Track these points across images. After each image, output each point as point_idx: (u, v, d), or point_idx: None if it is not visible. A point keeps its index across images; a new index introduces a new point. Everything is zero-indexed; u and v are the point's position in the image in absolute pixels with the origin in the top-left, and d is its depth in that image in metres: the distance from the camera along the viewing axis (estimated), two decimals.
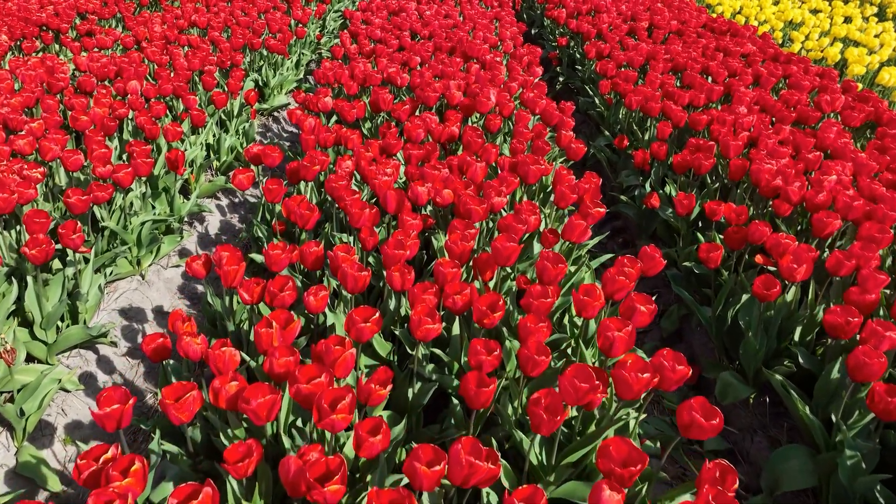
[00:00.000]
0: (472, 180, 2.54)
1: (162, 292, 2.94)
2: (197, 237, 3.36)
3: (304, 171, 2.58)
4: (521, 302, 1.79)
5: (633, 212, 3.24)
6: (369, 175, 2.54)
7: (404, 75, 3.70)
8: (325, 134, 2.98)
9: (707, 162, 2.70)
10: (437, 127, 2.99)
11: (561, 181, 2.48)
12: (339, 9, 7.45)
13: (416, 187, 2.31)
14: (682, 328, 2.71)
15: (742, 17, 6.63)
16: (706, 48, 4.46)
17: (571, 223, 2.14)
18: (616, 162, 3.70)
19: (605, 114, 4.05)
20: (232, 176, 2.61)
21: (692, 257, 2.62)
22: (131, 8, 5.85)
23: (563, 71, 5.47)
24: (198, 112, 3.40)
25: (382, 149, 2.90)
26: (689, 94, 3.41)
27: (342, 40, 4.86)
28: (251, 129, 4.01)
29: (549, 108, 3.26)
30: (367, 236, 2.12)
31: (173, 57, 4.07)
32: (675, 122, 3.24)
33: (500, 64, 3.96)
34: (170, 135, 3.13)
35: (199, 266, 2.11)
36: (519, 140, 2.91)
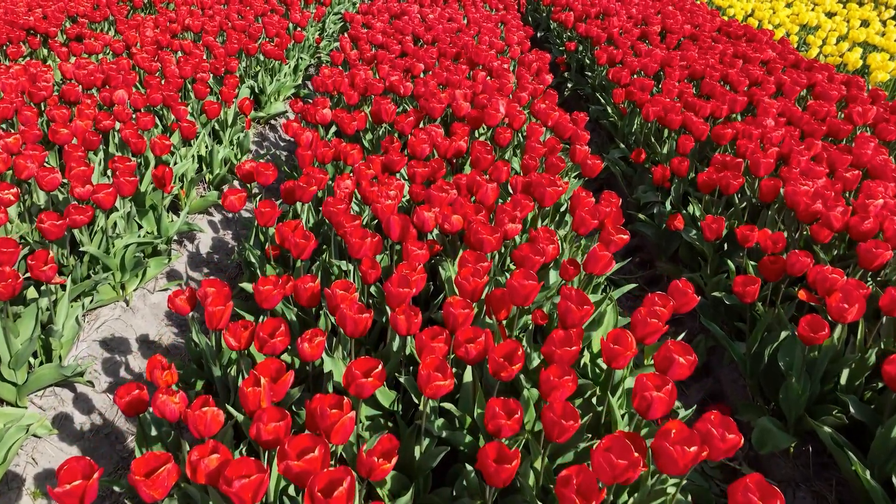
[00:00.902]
0: (482, 202, 2.34)
1: (148, 319, 2.74)
2: (187, 257, 3.16)
3: (300, 192, 2.37)
4: (542, 350, 1.59)
5: (651, 231, 3.03)
6: (370, 197, 2.34)
7: (407, 84, 3.50)
8: (324, 149, 2.78)
9: (736, 182, 2.49)
10: (443, 141, 2.79)
11: (580, 204, 2.27)
12: (338, 11, 7.25)
13: (422, 212, 2.11)
14: (710, 361, 2.51)
15: (754, 20, 6.43)
16: (723, 54, 4.26)
17: (595, 254, 1.94)
18: (631, 176, 3.50)
19: (619, 124, 3.84)
20: (223, 197, 2.41)
21: (721, 286, 2.42)
22: (124, 11, 5.66)
23: (572, 76, 5.27)
24: (188, 124, 3.19)
25: (385, 166, 2.70)
26: (710, 105, 3.20)
27: (342, 45, 4.65)
28: (246, 140, 3.80)
29: (562, 120, 3.05)
30: (369, 269, 1.92)
31: (164, 63, 3.87)
32: (697, 136, 3.04)
33: (507, 71, 3.76)
34: (157, 148, 2.93)
35: (182, 301, 1.91)
36: (531, 156, 2.71)
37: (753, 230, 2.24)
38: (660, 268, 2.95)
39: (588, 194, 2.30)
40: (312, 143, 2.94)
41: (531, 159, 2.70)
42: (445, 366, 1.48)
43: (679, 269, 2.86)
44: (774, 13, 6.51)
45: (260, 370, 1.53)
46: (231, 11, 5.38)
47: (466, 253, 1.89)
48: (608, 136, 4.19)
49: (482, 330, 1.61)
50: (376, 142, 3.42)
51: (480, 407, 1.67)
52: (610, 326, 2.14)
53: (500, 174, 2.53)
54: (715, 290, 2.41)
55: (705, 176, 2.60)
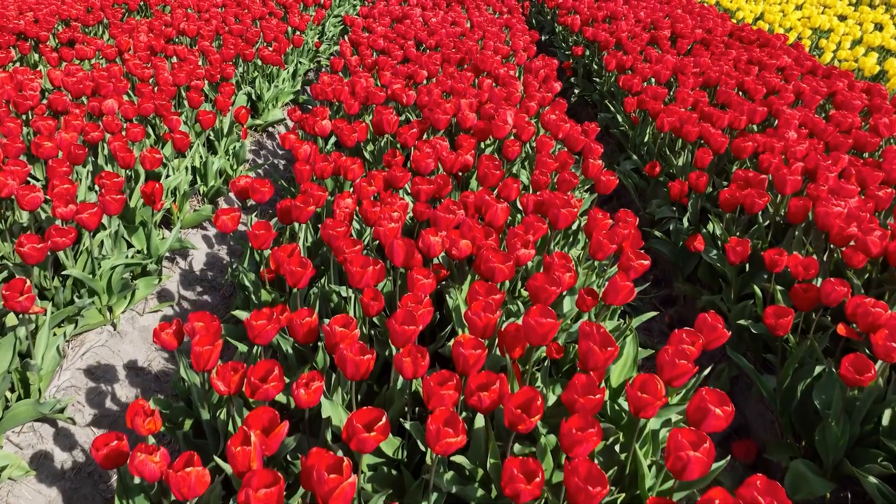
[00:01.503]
0: (491, 224, 2.19)
1: (136, 344, 2.59)
2: (179, 275, 3.01)
3: (296, 212, 2.22)
4: (563, 398, 1.44)
5: (667, 249, 2.88)
6: (371, 218, 2.19)
7: (410, 92, 3.35)
8: (323, 164, 2.63)
9: (761, 200, 2.34)
10: (448, 155, 2.64)
11: (596, 226, 2.12)
12: (339, 13, 7.10)
13: (428, 237, 1.96)
14: (733, 390, 2.36)
15: (764, 23, 6.28)
16: (737, 60, 4.11)
17: (615, 285, 1.79)
18: (644, 189, 3.35)
19: (630, 134, 3.69)
20: (214, 217, 2.26)
21: (747, 313, 2.27)
22: (119, 14, 5.51)
23: (579, 82, 5.12)
24: (181, 135, 3.04)
25: (387, 182, 2.55)
26: (728, 116, 3.05)
27: (342, 51, 4.50)
28: (242, 150, 3.66)
29: (574, 132, 2.90)
30: (370, 300, 1.77)
31: (157, 70, 3.73)
32: (715, 149, 2.89)
33: (514, 79, 3.61)
34: (147, 162, 2.78)
35: (169, 336, 1.76)
36: (542, 171, 2.56)
37: (782, 254, 2.09)
38: (677, 288, 2.80)
39: (605, 216, 2.15)
40: (311, 155, 2.79)
41: (542, 175, 2.55)
42: (456, 419, 1.33)
43: (697, 289, 2.71)
44: (785, 16, 6.36)
45: (251, 421, 1.38)
46: (228, 15, 5.23)
47: (477, 284, 1.74)
48: (617, 145, 4.05)
49: (495, 375, 1.46)
50: (378, 153, 3.27)
51: (494, 457, 1.52)
52: (630, 359, 1.99)
53: (510, 192, 2.39)
54: (740, 318, 2.25)
55: (727, 193, 2.45)
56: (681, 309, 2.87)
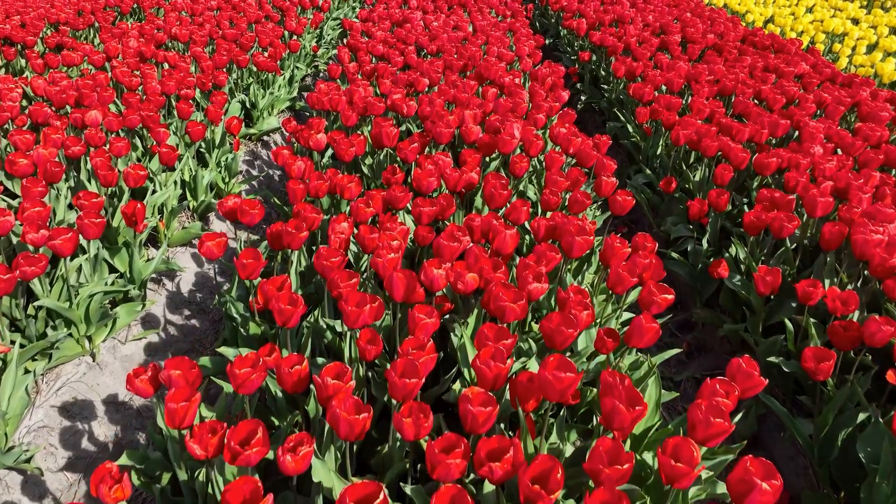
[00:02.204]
0: (499, 252, 2.01)
1: (117, 375, 2.41)
2: (166, 297, 2.84)
3: (287, 239, 2.05)
4: (585, 468, 1.26)
5: (685, 271, 2.71)
6: (369, 245, 2.01)
7: (411, 103, 3.17)
8: (318, 182, 2.45)
9: (791, 225, 2.16)
10: (452, 173, 2.46)
11: (614, 255, 1.95)
12: (337, 16, 6.93)
13: (431, 269, 1.78)
14: (761, 431, 2.18)
15: (775, 27, 6.10)
16: (752, 68, 3.93)
17: (640, 327, 1.61)
18: (658, 205, 3.17)
19: (642, 145, 3.52)
20: (199, 242, 2.08)
21: (777, 348, 2.09)
22: (110, 17, 5.33)
23: (585, 88, 4.94)
24: (168, 149, 2.87)
25: (386, 202, 2.37)
26: (749, 129, 2.88)
27: (340, 57, 4.33)
28: (234, 163, 3.48)
29: (585, 146, 2.73)
30: (367, 344, 1.59)
31: (146, 78, 3.55)
32: (736, 164, 2.71)
33: (520, 88, 3.43)
34: (131, 179, 2.60)
35: (143, 383, 1.58)
36: (552, 190, 2.38)
37: (817, 286, 1.92)
38: (695, 314, 2.62)
39: (623, 244, 1.97)
40: (305, 172, 2.61)
41: (552, 194, 2.37)
42: (464, 497, 1.16)
43: (718, 316, 2.54)
44: (796, 19, 6.18)
45: (230, 497, 1.20)
46: (223, 19, 5.05)
47: (486, 327, 1.57)
48: (627, 156, 3.87)
49: (507, 440, 1.28)
50: (377, 166, 3.10)
51: None
52: (652, 402, 1.82)
53: (519, 215, 2.21)
54: (770, 355, 2.08)
55: (753, 216, 2.27)
56: (699, 335, 2.69)
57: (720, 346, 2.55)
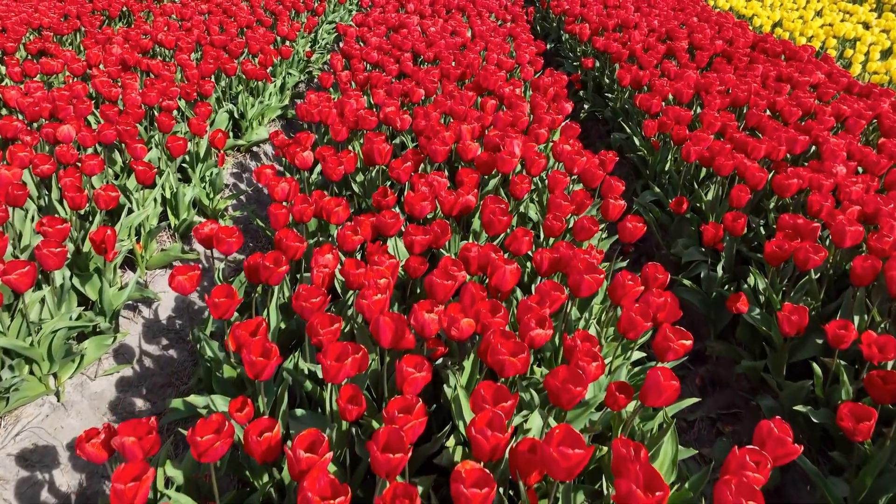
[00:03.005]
0: (498, 288, 1.83)
1: (85, 415, 2.23)
2: (142, 326, 2.65)
3: (265, 274, 1.86)
4: None
5: (697, 299, 2.52)
6: (354, 281, 1.83)
7: (405, 116, 2.99)
8: (302, 206, 2.27)
9: (818, 256, 1.98)
10: (447, 196, 2.28)
11: (625, 295, 1.76)
12: (333, 20, 6.75)
13: (422, 314, 1.60)
14: (784, 482, 2.00)
15: (782, 31, 5.92)
16: (765, 77, 3.74)
17: (657, 384, 1.42)
18: (667, 225, 2.98)
19: (650, 160, 3.33)
20: (170, 276, 1.90)
21: (803, 395, 1.90)
22: (97, 22, 5.14)
23: (588, 96, 4.75)
24: (144, 167, 2.68)
25: (376, 229, 2.19)
26: (765, 146, 2.69)
27: (332, 64, 4.15)
28: (219, 178, 3.29)
29: (591, 165, 2.54)
30: (348, 404, 1.41)
31: (126, 89, 3.37)
32: (752, 185, 2.53)
33: (521, 100, 3.24)
34: (102, 201, 2.42)
35: (95, 447, 1.40)
36: (556, 215, 2.20)
37: (849, 329, 1.73)
38: (710, 347, 2.44)
39: (635, 281, 1.78)
40: (290, 194, 2.43)
41: (556, 219, 2.19)
42: None
43: (734, 349, 2.35)
44: (805, 23, 6.00)
45: None
46: (212, 24, 4.87)
47: (483, 386, 1.38)
48: (633, 170, 3.68)
49: None
50: (369, 184, 2.91)
51: None
52: (668, 460, 1.63)
53: (520, 245, 2.02)
54: (796, 401, 1.89)
55: (775, 246, 2.08)
56: (713, 368, 2.51)
57: (736, 383, 2.37)
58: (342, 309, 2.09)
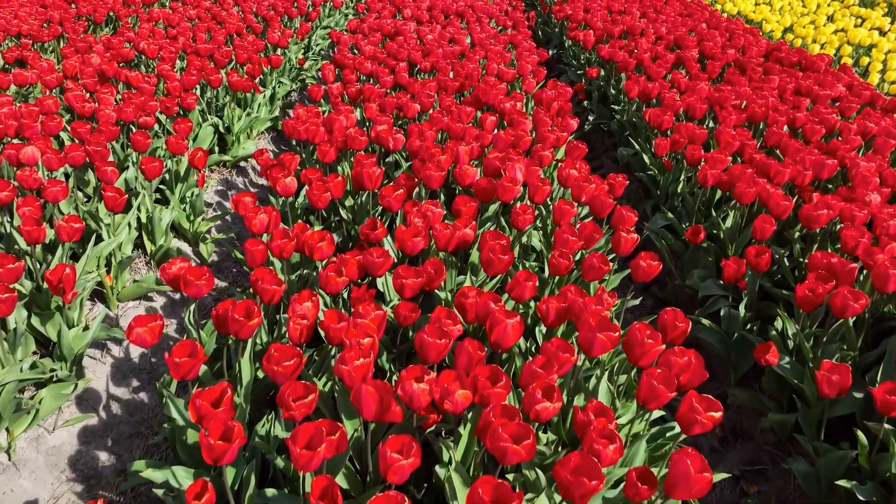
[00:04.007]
0: (498, 344, 1.61)
1: (40, 475, 2.01)
2: (110, 366, 2.44)
3: (234, 327, 1.64)
4: None
5: (716, 339, 2.30)
6: (334, 337, 1.61)
7: (398, 136, 2.77)
8: (282, 241, 2.05)
9: (858, 304, 1.76)
10: (442, 230, 2.06)
11: (644, 353, 1.54)
12: (328, 25, 6.53)
13: (410, 384, 1.38)
14: None
15: (793, 36, 5.70)
16: (782, 89, 3.52)
17: (687, 477, 1.20)
18: (681, 252, 2.77)
19: (661, 179, 3.11)
20: (128, 328, 1.68)
21: (843, 466, 1.68)
22: (80, 28, 4.92)
23: (593, 107, 4.53)
24: (114, 193, 2.46)
25: (363, 269, 1.97)
26: (790, 170, 2.47)
27: (324, 75, 3.93)
28: (199, 201, 3.07)
29: (600, 192, 2.32)
30: (321, 501, 1.19)
31: (101, 104, 3.15)
32: (776, 214, 2.31)
33: (523, 116, 3.02)
34: (64, 234, 2.20)
35: None
36: (562, 252, 1.98)
37: None
38: (731, 395, 2.22)
39: (655, 338, 1.56)
40: (270, 225, 2.21)
41: (563, 257, 1.97)
42: None
43: (758, 398, 2.14)
44: (816, 29, 5.78)
45: None
46: (200, 31, 4.64)
47: (481, 484, 1.16)
48: (643, 191, 3.46)
49: None
50: (359, 209, 2.69)
51: None
52: None
53: (523, 291, 1.80)
54: (835, 473, 1.67)
55: (807, 290, 1.86)
56: (735, 416, 2.29)
57: (761, 435, 2.15)
58: (325, 359, 1.87)
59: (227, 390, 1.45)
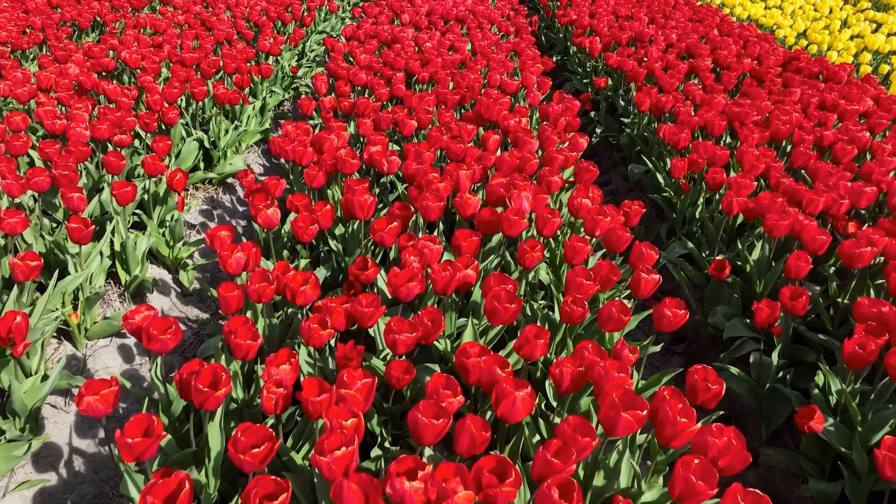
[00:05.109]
0: (505, 419, 1.38)
1: None
2: (74, 415, 2.20)
3: (198, 398, 1.42)
4: None
5: (744, 389, 2.08)
6: (314, 413, 1.38)
7: (392, 158, 2.54)
8: (261, 284, 1.82)
9: None
10: (440, 271, 1.83)
11: (675, 434, 1.31)
12: (323, 29, 6.30)
13: (400, 483, 1.15)
14: None
15: (806, 41, 5.47)
16: (805, 103, 3.29)
17: None
18: (701, 284, 2.54)
19: (677, 203, 2.88)
20: (76, 396, 1.45)
21: None
22: (63, 35, 4.69)
23: (600, 118, 4.30)
24: (79, 224, 2.23)
25: (351, 318, 1.74)
26: (825, 199, 2.24)
27: (316, 86, 3.70)
28: (178, 226, 2.84)
29: (616, 224, 2.09)
30: None
31: (73, 120, 2.92)
32: (812, 250, 2.08)
33: (528, 134, 2.79)
34: (20, 273, 1.98)
35: None
36: (575, 298, 1.75)
37: None
38: (764, 454, 1.99)
39: (689, 417, 1.33)
40: (248, 263, 1.98)
41: (576, 304, 1.74)
42: None
43: (796, 461, 1.90)
44: (831, 34, 5.55)
45: None
46: (187, 38, 4.41)
47: None
48: (655, 209, 3.23)
49: None
50: (350, 238, 2.47)
51: None
52: None
53: (534, 349, 1.57)
54: None
55: (856, 346, 1.63)
56: (766, 475, 2.06)
57: (799, 501, 1.92)
58: (305, 427, 1.65)
59: (186, 483, 1.22)
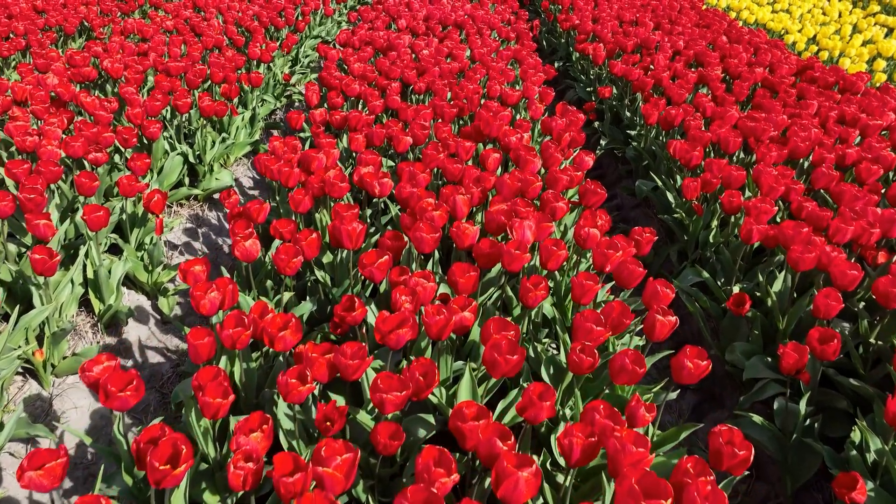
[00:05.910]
0: (506, 501, 1.20)
1: None
2: None
3: (155, 476, 1.23)
4: None
5: (767, 437, 1.90)
6: (286, 493, 1.20)
7: (385, 180, 2.36)
8: (236, 329, 1.64)
9: None
10: (434, 314, 1.65)
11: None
12: (318, 34, 6.12)
13: None
14: None
15: (822, 50, 5.29)
16: (823, 117, 3.11)
17: None
18: (717, 315, 2.36)
19: (689, 225, 2.70)
20: (17, 471, 1.27)
21: None
22: (47, 41, 4.51)
23: (605, 129, 4.12)
24: (43, 255, 2.05)
25: (334, 369, 1.56)
26: (853, 228, 2.06)
27: (307, 98, 3.52)
28: (157, 250, 2.66)
29: (627, 258, 1.91)
30: None
31: (45, 137, 2.74)
32: (841, 285, 1.90)
33: (531, 154, 2.61)
34: None
35: None
36: (584, 348, 1.57)
37: None
38: None
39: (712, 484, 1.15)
40: (222, 303, 1.80)
41: (585, 352, 1.57)
42: None
43: None
44: (842, 39, 5.37)
45: None
46: (175, 45, 4.23)
47: None
48: (665, 230, 3.05)
49: None
50: (339, 267, 2.29)
51: None
52: None
53: (538, 412, 1.39)
54: None
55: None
56: None
57: None
58: None
59: None
